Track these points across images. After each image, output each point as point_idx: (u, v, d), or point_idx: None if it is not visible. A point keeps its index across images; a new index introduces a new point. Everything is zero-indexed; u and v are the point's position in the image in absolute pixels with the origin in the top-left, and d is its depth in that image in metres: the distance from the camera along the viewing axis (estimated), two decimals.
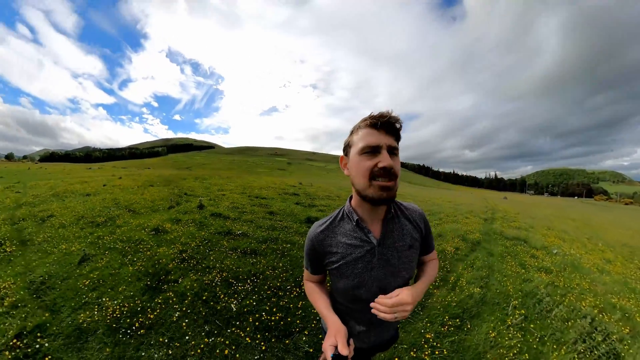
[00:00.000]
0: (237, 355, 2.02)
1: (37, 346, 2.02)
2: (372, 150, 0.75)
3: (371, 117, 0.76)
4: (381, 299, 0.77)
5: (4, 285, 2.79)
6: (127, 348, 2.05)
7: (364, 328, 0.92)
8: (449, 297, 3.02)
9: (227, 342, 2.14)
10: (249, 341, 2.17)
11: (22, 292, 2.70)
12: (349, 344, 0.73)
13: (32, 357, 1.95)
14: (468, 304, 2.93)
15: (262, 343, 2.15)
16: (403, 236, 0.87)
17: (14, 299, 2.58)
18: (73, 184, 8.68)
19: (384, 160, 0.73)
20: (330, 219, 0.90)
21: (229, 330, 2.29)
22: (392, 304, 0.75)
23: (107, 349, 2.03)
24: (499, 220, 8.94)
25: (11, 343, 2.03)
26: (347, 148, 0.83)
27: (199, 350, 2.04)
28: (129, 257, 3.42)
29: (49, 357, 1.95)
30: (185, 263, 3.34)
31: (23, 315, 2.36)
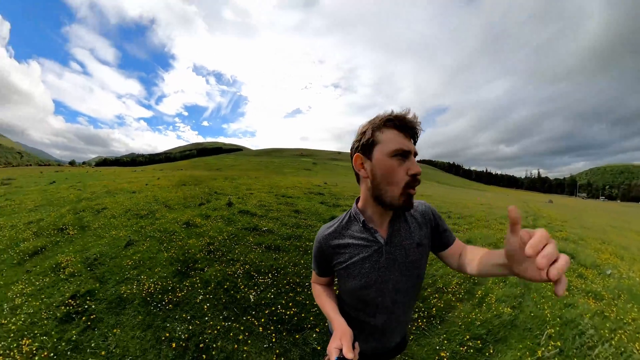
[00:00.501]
0: (249, 342, 2.15)
1: (86, 307, 2.45)
2: (402, 154, 0.72)
3: (398, 117, 0.73)
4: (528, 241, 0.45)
5: (66, 259, 3.37)
6: (155, 318, 2.35)
7: (370, 332, 0.89)
8: (473, 314, 2.72)
9: (241, 327, 2.29)
10: (261, 330, 2.29)
11: (79, 265, 3.22)
12: (354, 348, 0.72)
13: (82, 314, 2.36)
14: (494, 325, 2.59)
15: (274, 334, 2.26)
16: (411, 234, 0.85)
17: (72, 269, 3.11)
18: (121, 183, 9.96)
19: (415, 167, 0.72)
20: (338, 222, 0.89)
21: (244, 318, 2.44)
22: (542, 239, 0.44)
23: (140, 317, 2.35)
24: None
25: (67, 302, 2.49)
26: (368, 147, 0.75)
27: (215, 331, 2.23)
28: (164, 245, 3.83)
29: (94, 316, 2.34)
30: (212, 254, 3.64)
31: (78, 282, 2.85)
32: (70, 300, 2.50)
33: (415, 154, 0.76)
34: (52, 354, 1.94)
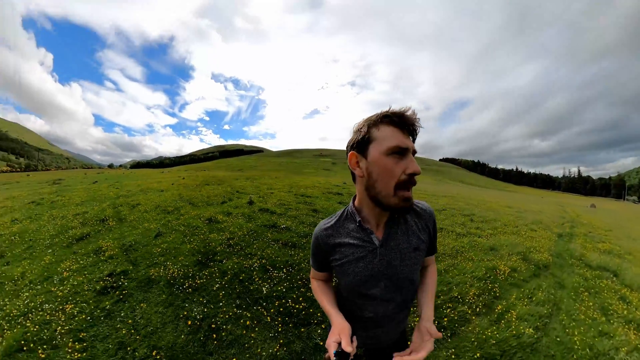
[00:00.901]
0: (256, 329, 2.30)
1: (120, 283, 2.80)
2: (401, 152, 0.70)
3: (395, 114, 0.71)
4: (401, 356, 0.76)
5: (106, 244, 3.83)
6: (176, 299, 2.62)
7: (363, 326, 0.90)
8: (489, 331, 2.46)
9: (251, 316, 2.45)
10: (269, 320, 2.42)
11: (116, 250, 3.64)
12: (352, 342, 0.73)
13: (116, 289, 2.71)
14: (511, 346, 2.31)
15: (280, 325, 2.37)
16: (408, 238, 0.84)
17: (110, 253, 3.53)
18: (152, 183, 10.86)
19: (413, 166, 0.70)
20: (336, 218, 0.89)
21: (255, 308, 2.59)
22: (427, 349, 0.77)
23: (163, 296, 2.65)
24: (581, 238, 6.71)
25: (105, 278, 2.87)
26: (363, 145, 0.74)
27: (227, 316, 2.42)
28: (188, 237, 4.17)
29: (125, 291, 2.68)
30: (231, 248, 3.88)
31: (115, 264, 3.23)
32: (107, 277, 2.87)
33: (414, 152, 0.73)
34: (89, 318, 2.29)
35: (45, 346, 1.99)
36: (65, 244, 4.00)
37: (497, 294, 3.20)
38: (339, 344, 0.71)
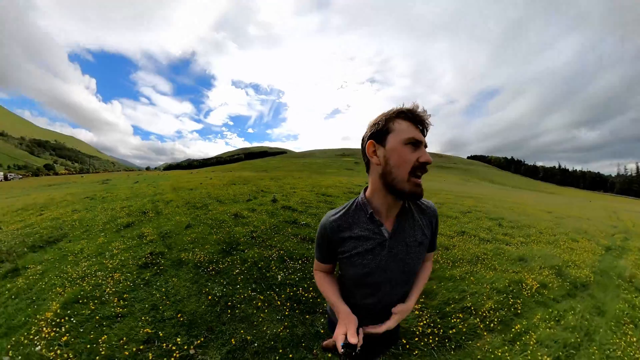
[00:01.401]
0: (266, 311, 2.55)
1: (157, 261, 3.30)
2: (415, 143, 0.78)
3: (412, 112, 0.79)
4: (371, 329, 0.86)
5: (148, 231, 4.42)
6: (201, 278, 3.01)
7: (364, 316, 0.91)
8: (500, 352, 2.18)
9: (263, 299, 2.72)
10: (279, 304, 2.64)
11: (155, 236, 4.20)
12: (358, 334, 0.75)
13: (154, 265, 3.20)
14: None
15: (288, 310, 2.56)
16: (414, 232, 0.88)
17: (151, 238, 4.10)
18: (182, 182, 11.99)
19: (425, 156, 0.77)
20: (344, 209, 0.91)
21: (268, 292, 2.84)
22: (384, 328, 0.87)
23: (190, 275, 3.06)
24: (635, 253, 5.47)
25: (146, 256, 3.38)
26: (381, 135, 0.81)
27: (242, 297, 2.72)
28: (214, 229, 4.62)
29: (162, 267, 3.16)
30: (253, 240, 4.22)
31: (154, 246, 3.76)
32: (148, 255, 3.38)
33: (426, 146, 0.81)
34: (131, 284, 2.78)
35: (95, 301, 2.49)
36: (114, 229, 4.69)
37: (518, 311, 2.78)
38: (346, 335, 0.73)
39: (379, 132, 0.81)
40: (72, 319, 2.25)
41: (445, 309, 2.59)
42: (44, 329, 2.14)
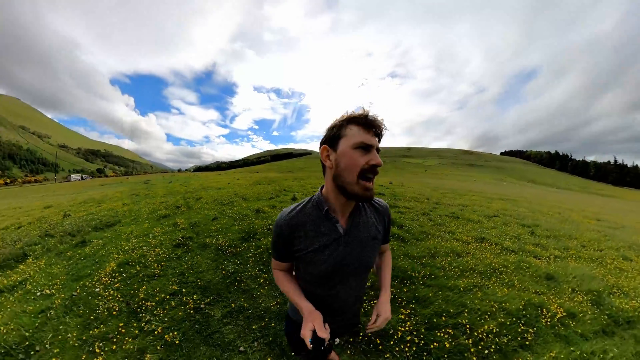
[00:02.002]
0: (266, 287, 2.96)
1: (187, 243, 4.03)
2: (365, 147, 0.80)
3: (364, 117, 0.81)
4: (373, 326, 0.93)
5: (180, 221, 5.24)
6: (219, 258, 3.63)
7: (325, 310, 0.95)
8: None
9: (266, 277, 3.19)
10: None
11: (186, 225, 4.99)
12: (325, 328, 0.78)
13: (185, 246, 3.92)
14: None
15: None
16: (368, 228, 0.94)
17: (183, 226, 4.90)
18: (211, 183, 13.30)
19: (375, 158, 0.80)
20: (300, 207, 0.93)
21: (271, 273, 3.17)
22: (380, 326, 0.94)
23: (212, 255, 3.71)
24: None
25: (179, 239, 4.13)
26: (334, 139, 0.84)
27: (249, 274, 3.24)
28: (237, 221, 5.30)
29: (190, 248, 3.87)
30: (269, 231, 4.79)
31: (185, 232, 4.53)
32: (180, 239, 4.14)
33: (378, 150, 0.84)
34: (167, 257, 3.53)
35: (140, 265, 3.27)
36: (155, 218, 5.62)
37: (527, 342, 2.21)
38: (314, 331, 0.76)
39: (332, 137, 0.85)
40: (123, 274, 3.05)
41: (435, 320, 2.34)
42: (103, 278, 2.95)
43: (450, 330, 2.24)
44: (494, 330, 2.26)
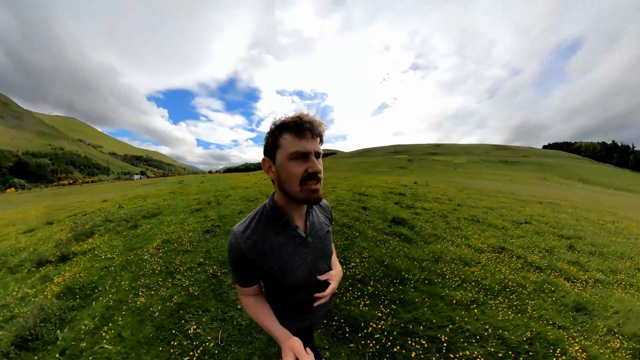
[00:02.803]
0: None
1: (215, 230, 4.76)
2: (301, 156, 0.79)
3: (294, 123, 0.78)
4: (321, 294, 0.95)
5: (211, 214, 6.06)
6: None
7: (307, 312, 1.00)
8: None
9: None
10: None
11: (215, 217, 5.78)
12: (307, 353, 0.78)
13: (213, 232, 4.64)
14: None
15: None
16: (321, 225, 1.01)
17: (212, 218, 5.69)
18: (239, 182, 14.51)
19: (313, 165, 0.80)
20: (254, 222, 0.89)
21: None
22: (330, 292, 0.97)
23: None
24: None
25: (209, 226, 4.87)
26: (271, 150, 0.83)
27: None
28: None
29: (217, 234, 4.56)
30: None
31: (214, 222, 5.29)
32: (209, 227, 4.89)
33: (318, 155, 0.82)
34: (197, 238, 4.26)
35: (177, 243, 4.05)
36: (189, 211, 6.52)
37: None
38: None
39: (269, 148, 0.83)
40: (164, 248, 3.86)
41: (412, 327, 2.17)
42: (150, 250, 3.79)
43: (424, 342, 2.02)
44: (480, 358, 1.88)
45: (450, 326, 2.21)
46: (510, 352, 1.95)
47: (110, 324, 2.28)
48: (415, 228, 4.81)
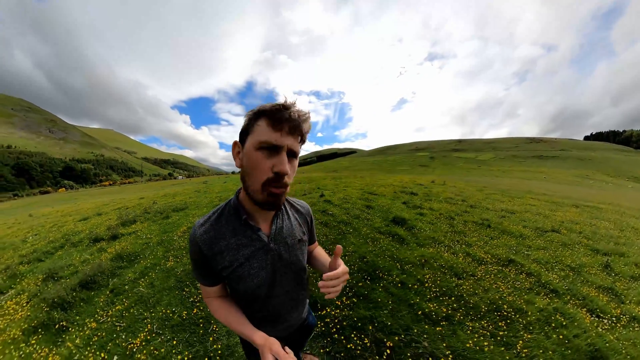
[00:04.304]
0: None
1: None
2: (270, 148, 0.68)
3: (273, 110, 0.68)
4: (329, 274, 0.75)
5: None
6: None
7: (275, 321, 0.91)
8: None
9: None
10: None
11: None
12: (286, 351, 0.74)
13: None
14: None
15: None
16: (293, 231, 0.88)
17: None
18: None
19: (279, 165, 0.68)
20: (214, 217, 0.82)
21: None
22: (342, 273, 0.76)
23: None
24: None
25: None
26: (243, 135, 0.74)
27: None
28: None
29: None
30: None
31: None
32: None
33: (293, 153, 0.71)
34: None
35: None
36: (212, 206, 7.46)
37: None
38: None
39: (242, 131, 0.74)
40: (189, 232, 4.70)
41: (362, 324, 2.14)
42: (178, 233, 4.68)
43: (367, 342, 1.94)
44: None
45: (403, 336, 1.99)
46: None
47: (146, 277, 3.14)
48: (413, 229, 4.55)
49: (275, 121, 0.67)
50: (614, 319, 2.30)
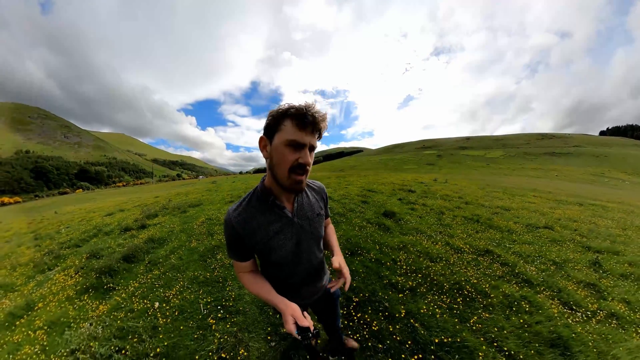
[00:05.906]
0: None
1: None
2: (297, 146, 0.86)
3: (298, 114, 0.84)
4: (342, 278, 1.07)
5: None
6: None
7: (301, 287, 1.13)
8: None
9: None
10: None
11: None
12: (305, 317, 0.86)
13: None
14: None
15: None
16: (312, 207, 1.09)
17: None
18: None
19: (304, 157, 0.87)
20: (245, 202, 1.00)
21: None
22: (348, 275, 1.08)
23: None
24: None
25: None
26: (270, 132, 0.89)
27: None
28: None
29: None
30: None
31: None
32: None
33: (312, 148, 0.89)
34: None
35: (215, 220, 5.54)
36: (224, 202, 8.17)
37: None
38: (296, 323, 0.84)
39: (269, 128, 0.89)
40: (207, 223, 5.40)
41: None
42: (197, 223, 5.38)
43: (340, 299, 2.17)
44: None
45: (368, 295, 2.33)
46: (403, 355, 1.71)
47: (175, 254, 3.87)
48: (400, 221, 4.78)
49: (300, 122, 0.84)
50: (589, 313, 2.26)
